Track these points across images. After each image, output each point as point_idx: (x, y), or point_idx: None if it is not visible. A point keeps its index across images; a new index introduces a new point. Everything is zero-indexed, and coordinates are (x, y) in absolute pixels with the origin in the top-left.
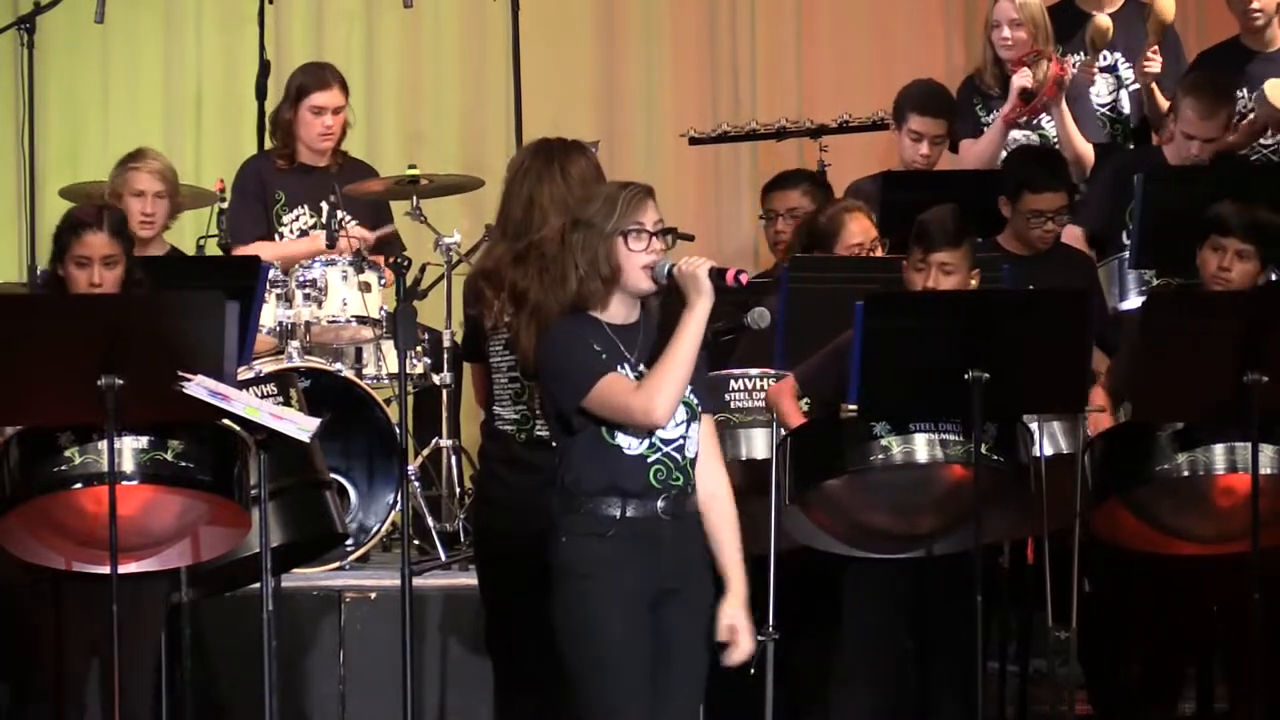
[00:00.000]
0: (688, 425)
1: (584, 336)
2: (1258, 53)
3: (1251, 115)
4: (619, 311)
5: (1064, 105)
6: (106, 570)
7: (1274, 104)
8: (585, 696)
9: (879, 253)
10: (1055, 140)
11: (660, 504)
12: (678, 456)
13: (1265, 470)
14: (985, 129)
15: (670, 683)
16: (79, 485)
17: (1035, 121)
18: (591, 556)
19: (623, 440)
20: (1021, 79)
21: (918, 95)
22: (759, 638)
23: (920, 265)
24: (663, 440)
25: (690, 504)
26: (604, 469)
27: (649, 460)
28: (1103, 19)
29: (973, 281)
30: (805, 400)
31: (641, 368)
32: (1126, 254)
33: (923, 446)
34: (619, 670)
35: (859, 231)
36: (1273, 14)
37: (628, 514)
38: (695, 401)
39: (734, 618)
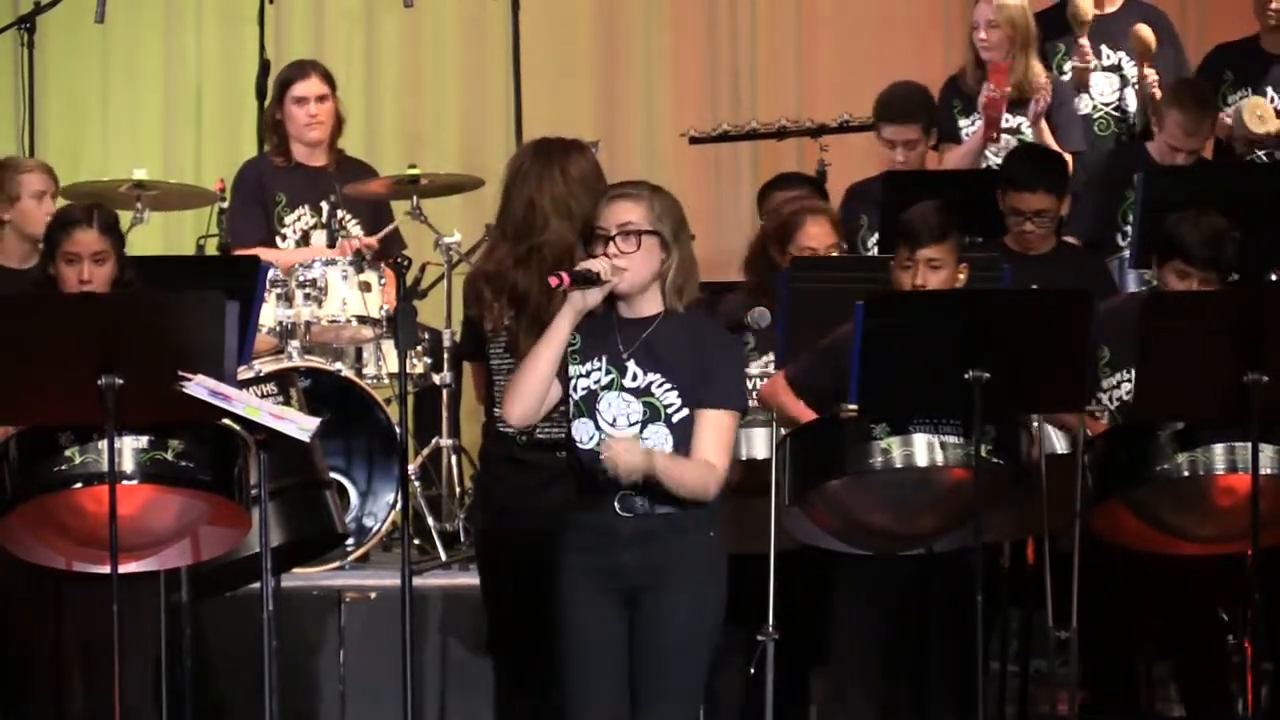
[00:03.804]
0: (643, 426)
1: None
2: (1277, 56)
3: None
4: (626, 306)
5: (1041, 121)
6: (107, 570)
7: (1249, 127)
8: (560, 686)
9: None
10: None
11: (615, 502)
12: None
13: (1265, 470)
14: (960, 131)
15: (648, 682)
16: (79, 485)
17: (1016, 125)
18: (561, 546)
19: (576, 434)
20: (982, 96)
21: (885, 103)
22: (759, 638)
23: (907, 263)
24: (612, 440)
25: (657, 505)
26: (572, 459)
27: (600, 456)
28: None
29: (961, 275)
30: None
31: (630, 362)
32: (1126, 254)
33: (922, 449)
34: (581, 661)
35: (815, 235)
36: None
37: (587, 506)
38: (666, 404)
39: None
